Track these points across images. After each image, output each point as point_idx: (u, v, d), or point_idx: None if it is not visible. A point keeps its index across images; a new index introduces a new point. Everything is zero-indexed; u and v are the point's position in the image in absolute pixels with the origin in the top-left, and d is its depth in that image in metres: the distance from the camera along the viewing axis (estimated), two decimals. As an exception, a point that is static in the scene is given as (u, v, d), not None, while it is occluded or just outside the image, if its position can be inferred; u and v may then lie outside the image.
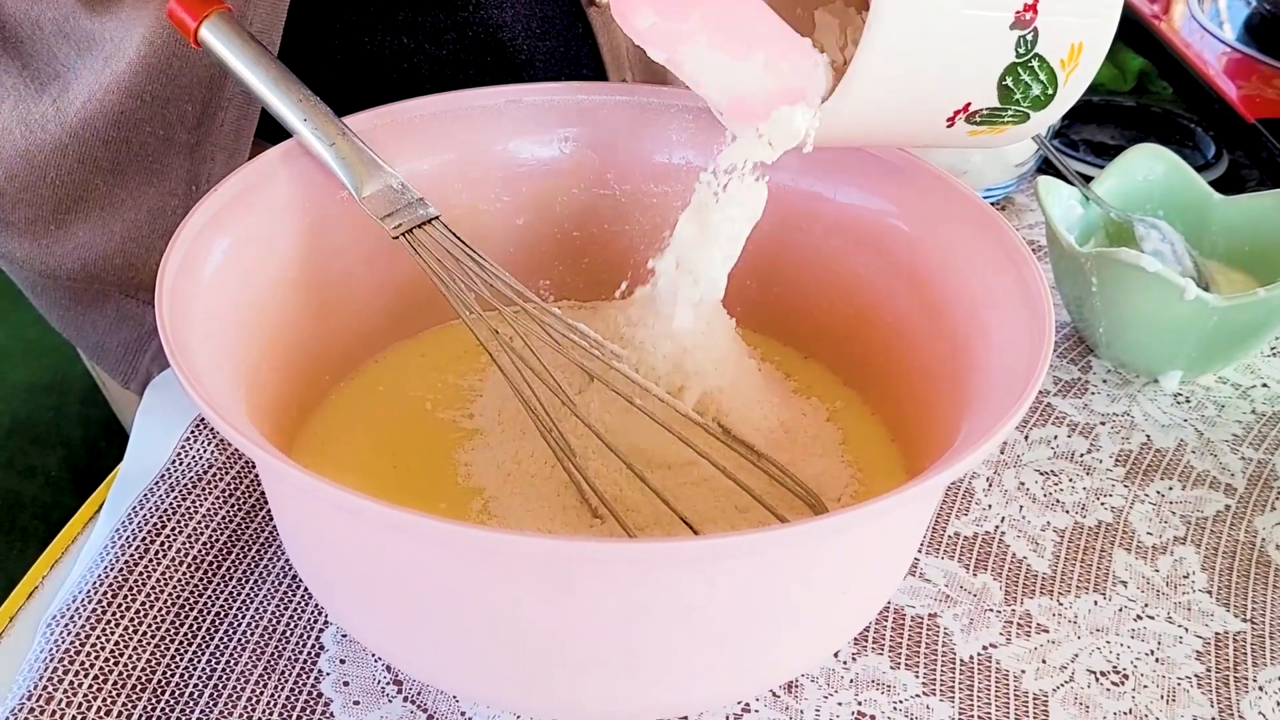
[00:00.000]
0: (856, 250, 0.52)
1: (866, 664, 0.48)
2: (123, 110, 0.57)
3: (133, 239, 0.61)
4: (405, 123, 0.52)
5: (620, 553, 0.34)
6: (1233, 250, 0.66)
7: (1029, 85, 0.43)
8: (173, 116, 0.58)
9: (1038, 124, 0.45)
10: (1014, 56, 0.42)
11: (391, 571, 0.38)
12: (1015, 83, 0.43)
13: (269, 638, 0.48)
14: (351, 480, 0.48)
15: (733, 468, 0.44)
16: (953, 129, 0.44)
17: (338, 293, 0.51)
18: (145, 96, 0.56)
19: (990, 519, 0.55)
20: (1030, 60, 0.42)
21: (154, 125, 0.58)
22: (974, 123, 0.44)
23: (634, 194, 0.55)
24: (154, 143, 0.58)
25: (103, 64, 0.56)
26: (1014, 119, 0.44)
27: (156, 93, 0.56)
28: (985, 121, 0.44)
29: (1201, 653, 0.49)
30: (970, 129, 0.44)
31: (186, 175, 0.60)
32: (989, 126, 0.44)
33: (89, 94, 0.57)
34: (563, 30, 0.66)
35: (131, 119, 0.57)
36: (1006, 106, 0.44)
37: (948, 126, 0.44)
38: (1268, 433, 0.60)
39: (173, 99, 0.57)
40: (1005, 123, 0.45)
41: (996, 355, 0.44)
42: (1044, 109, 0.44)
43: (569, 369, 0.48)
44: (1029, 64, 0.42)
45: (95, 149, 0.58)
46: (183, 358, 0.38)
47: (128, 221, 0.60)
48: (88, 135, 0.58)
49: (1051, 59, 0.43)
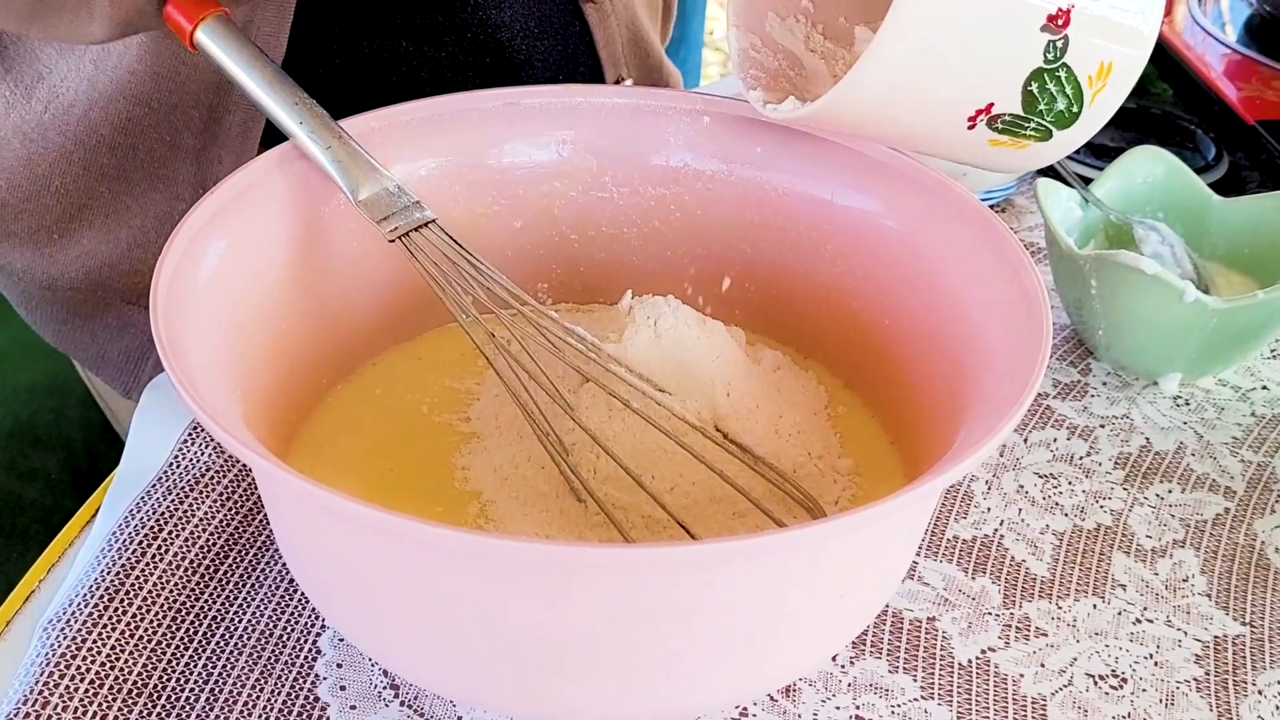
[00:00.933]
0: (855, 252, 0.52)
1: (864, 668, 0.48)
2: (129, 117, 0.56)
3: (139, 245, 0.61)
4: (402, 126, 0.51)
5: (617, 558, 0.34)
6: (1232, 252, 0.66)
7: (1054, 97, 0.43)
8: (179, 122, 0.58)
9: (1060, 146, 0.45)
10: (1042, 61, 0.42)
11: (387, 577, 0.38)
12: (1040, 90, 0.42)
13: (266, 642, 0.48)
14: (348, 484, 0.48)
15: (730, 471, 0.44)
16: (974, 131, 0.44)
17: (334, 296, 0.51)
18: (152, 103, 0.56)
19: (989, 522, 0.55)
20: (1058, 69, 0.42)
21: (161, 131, 0.58)
22: (996, 129, 0.44)
23: (632, 196, 0.55)
24: (161, 148, 0.58)
25: (93, 67, 0.56)
26: (1036, 133, 0.44)
27: (164, 99, 0.56)
28: (1007, 130, 0.44)
29: (1201, 656, 0.49)
30: (991, 136, 0.44)
31: (194, 180, 0.60)
32: (1011, 137, 0.44)
33: (88, 100, 0.57)
34: (560, 29, 0.66)
35: (138, 126, 0.57)
36: (1030, 116, 0.43)
37: (969, 127, 0.44)
38: (1267, 435, 0.60)
39: (180, 105, 0.57)
40: (1027, 135, 0.44)
41: (994, 358, 0.44)
42: (1068, 128, 0.44)
43: (566, 371, 0.48)
44: (1056, 73, 0.42)
45: (101, 156, 0.58)
46: (178, 361, 0.38)
47: (134, 228, 0.60)
48: (93, 143, 0.57)
49: (1079, 73, 0.42)
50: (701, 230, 0.55)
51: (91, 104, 0.57)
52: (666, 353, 0.48)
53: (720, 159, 0.54)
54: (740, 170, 0.54)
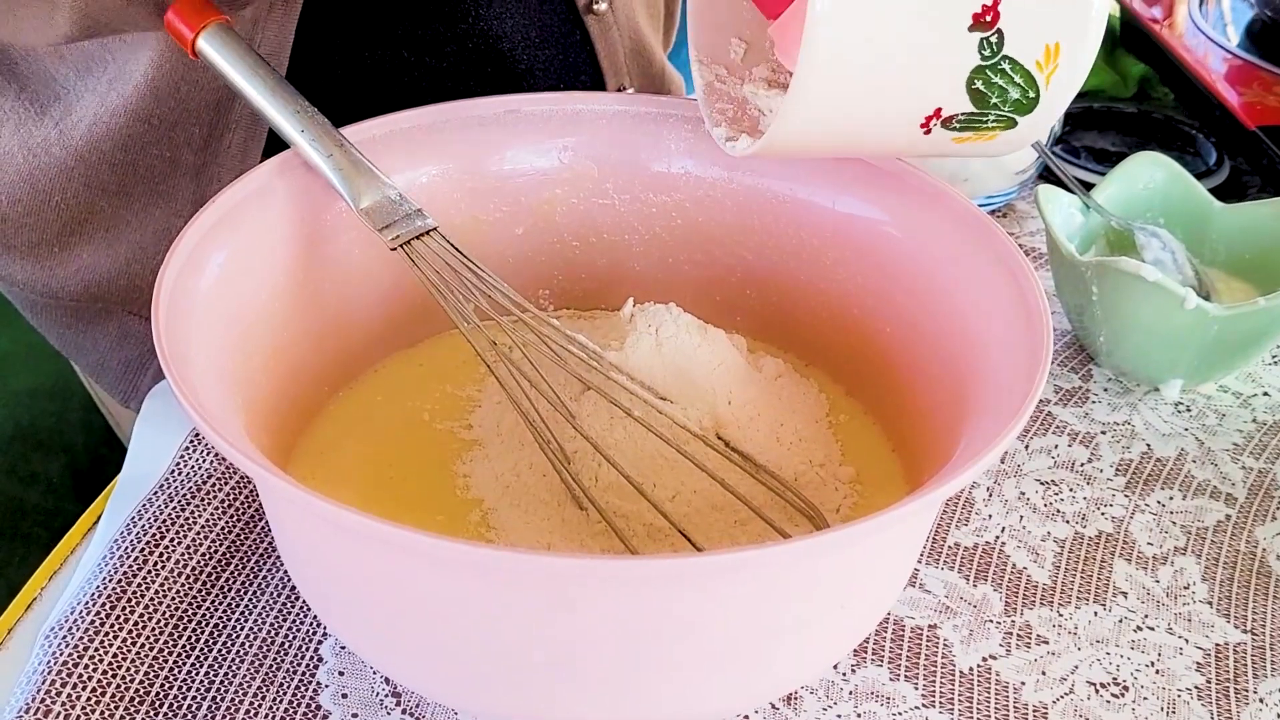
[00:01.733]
0: (855, 259, 0.52)
1: (866, 676, 0.48)
2: (129, 134, 0.57)
3: (137, 260, 0.61)
4: (403, 133, 0.52)
5: (620, 570, 0.34)
6: (1233, 258, 0.66)
7: (1005, 89, 0.42)
8: (179, 139, 0.58)
9: (1031, 128, 0.44)
10: (979, 59, 0.41)
11: (389, 586, 0.38)
12: (988, 86, 0.42)
13: (268, 649, 0.48)
14: (349, 492, 0.48)
15: (732, 480, 0.44)
16: (932, 136, 0.43)
17: (335, 303, 0.51)
18: (153, 120, 0.56)
19: (990, 529, 0.55)
20: (1000, 63, 0.41)
21: (160, 148, 0.58)
22: (954, 129, 0.43)
23: (633, 203, 0.55)
24: (160, 165, 0.58)
25: (107, 86, 0.56)
26: (999, 124, 0.43)
27: (164, 116, 0.56)
28: (967, 127, 0.43)
29: (1202, 664, 0.49)
30: (953, 135, 0.44)
31: (193, 197, 0.60)
32: (974, 132, 0.44)
33: (94, 117, 0.57)
34: (561, 39, 0.66)
35: (138, 142, 0.57)
36: (985, 111, 0.42)
37: (925, 133, 0.43)
38: (1269, 442, 0.60)
39: (180, 122, 0.57)
40: (990, 128, 0.44)
41: (995, 365, 0.44)
42: (1030, 113, 0.43)
43: (567, 379, 0.48)
44: (999, 66, 0.41)
45: (101, 172, 0.58)
46: (179, 371, 0.38)
47: (132, 243, 0.60)
48: (94, 159, 0.58)
49: (1025, 61, 0.41)
50: (703, 237, 0.55)
51: (97, 120, 0.57)
52: (668, 360, 0.48)
53: (721, 166, 0.54)
54: (741, 177, 0.54)
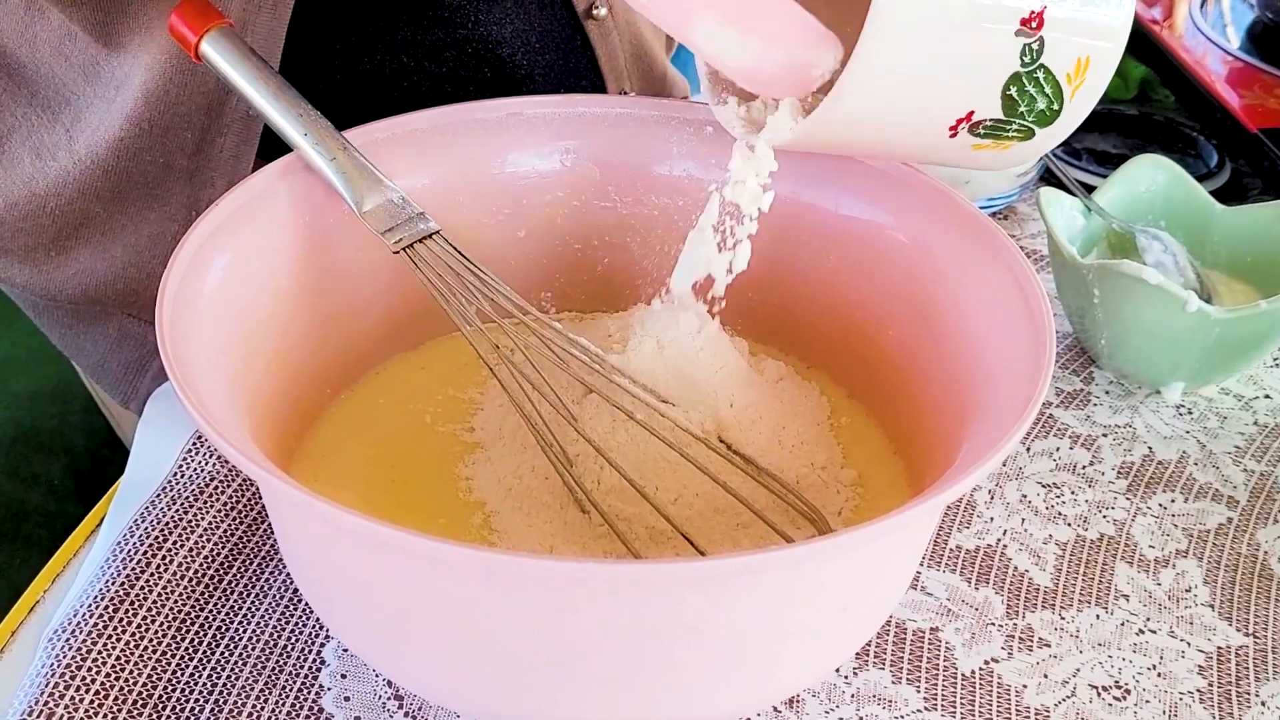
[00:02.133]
0: (857, 262, 0.52)
1: (868, 679, 0.48)
2: (123, 139, 0.57)
3: (132, 264, 0.61)
4: (405, 137, 0.52)
5: (623, 573, 0.34)
6: (1235, 261, 0.66)
7: (1034, 98, 0.43)
8: (172, 144, 0.58)
9: (1044, 142, 0.45)
10: (1019, 65, 0.42)
11: (391, 589, 0.38)
12: (1020, 94, 0.43)
13: (270, 652, 0.48)
14: (351, 494, 0.48)
15: (734, 483, 0.44)
16: (956, 139, 0.44)
17: (338, 306, 0.51)
18: (145, 125, 0.56)
19: (992, 532, 0.55)
20: (1035, 71, 0.42)
21: (154, 153, 0.58)
22: (978, 134, 0.44)
23: (635, 206, 0.55)
24: (154, 170, 0.58)
25: (114, 92, 0.56)
26: (1019, 134, 0.44)
27: (156, 121, 0.56)
28: (989, 134, 0.44)
29: (1204, 667, 0.49)
30: (975, 141, 0.44)
31: (186, 201, 0.60)
32: (994, 140, 0.44)
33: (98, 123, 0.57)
34: (561, 44, 0.66)
35: (131, 148, 0.57)
36: (1011, 120, 0.43)
37: (951, 136, 0.44)
38: (1270, 445, 0.60)
39: (172, 127, 0.57)
40: (1010, 137, 0.44)
41: (998, 369, 0.44)
42: (1050, 125, 0.44)
43: (570, 382, 0.48)
44: (1034, 75, 0.42)
45: (95, 178, 0.58)
46: (182, 373, 0.38)
47: (127, 247, 0.60)
48: (89, 164, 0.58)
49: (1057, 72, 0.42)
50: (705, 240, 0.55)
51: (99, 126, 0.57)
52: (670, 364, 0.48)
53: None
54: (743, 180, 0.54)
